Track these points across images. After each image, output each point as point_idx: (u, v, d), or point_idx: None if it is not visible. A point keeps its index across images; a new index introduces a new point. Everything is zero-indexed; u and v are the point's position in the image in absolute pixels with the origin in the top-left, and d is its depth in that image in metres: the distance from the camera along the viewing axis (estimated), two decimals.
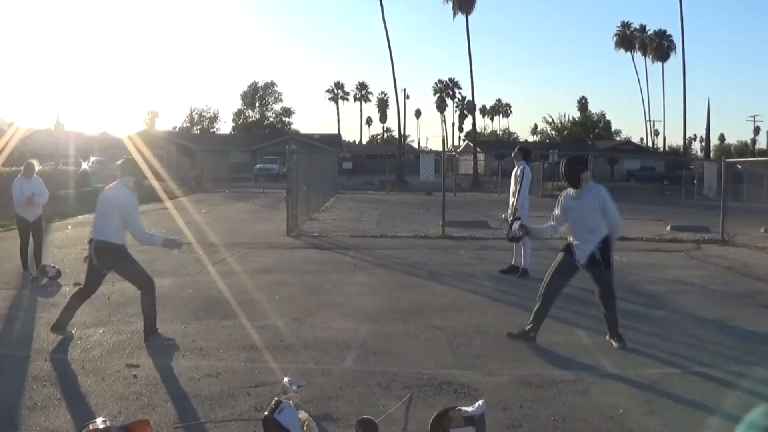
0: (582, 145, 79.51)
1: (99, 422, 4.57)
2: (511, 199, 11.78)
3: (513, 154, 11.80)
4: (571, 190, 7.37)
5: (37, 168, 11.73)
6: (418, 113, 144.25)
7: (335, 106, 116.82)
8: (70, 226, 19.52)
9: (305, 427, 4.76)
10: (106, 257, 7.31)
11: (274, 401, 4.88)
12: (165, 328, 7.85)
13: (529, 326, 7.47)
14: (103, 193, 7.57)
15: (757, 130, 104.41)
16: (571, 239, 7.46)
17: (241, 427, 5.07)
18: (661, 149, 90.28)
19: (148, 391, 5.80)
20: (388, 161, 59.29)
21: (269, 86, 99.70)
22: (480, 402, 4.98)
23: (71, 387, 5.88)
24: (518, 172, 11.54)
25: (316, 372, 6.37)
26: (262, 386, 5.95)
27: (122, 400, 5.58)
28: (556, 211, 7.56)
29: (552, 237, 7.78)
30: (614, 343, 7.30)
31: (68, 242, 15.61)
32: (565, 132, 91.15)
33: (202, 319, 8.38)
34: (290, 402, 4.85)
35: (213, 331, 7.73)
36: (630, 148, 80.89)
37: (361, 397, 5.74)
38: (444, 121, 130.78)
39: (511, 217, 11.35)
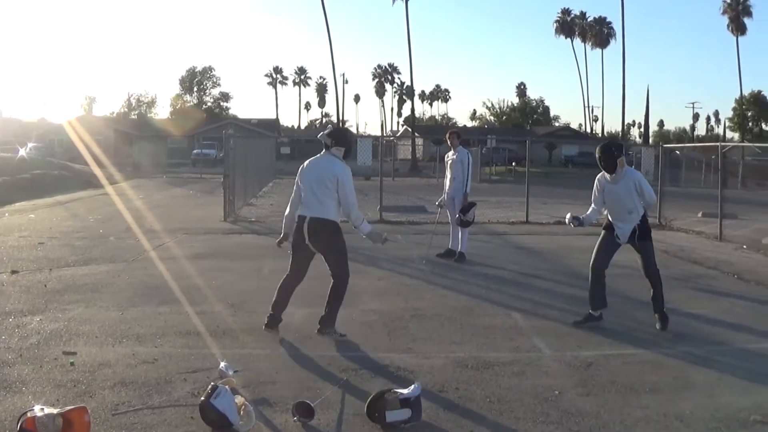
0: (520, 131, 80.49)
1: (37, 410, 4.51)
2: (448, 185, 11.85)
3: (448, 140, 11.86)
4: (606, 175, 7.63)
5: None
6: (357, 98, 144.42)
7: (274, 90, 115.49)
8: (7, 214, 18.96)
9: (242, 412, 4.78)
10: (323, 235, 6.81)
11: (210, 386, 4.89)
12: (102, 315, 7.76)
13: (591, 309, 7.74)
14: (312, 165, 7.09)
15: (696, 117, 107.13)
16: (610, 219, 7.76)
17: (178, 412, 5.05)
18: (600, 135, 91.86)
19: (86, 379, 5.73)
20: None
21: (207, 71, 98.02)
22: (415, 384, 5.07)
23: (8, 375, 5.76)
24: (461, 158, 11.57)
25: (253, 357, 6.38)
26: (199, 372, 5.93)
27: (60, 388, 5.51)
28: (595, 194, 7.84)
29: (597, 221, 8.05)
30: (657, 324, 7.57)
31: (5, 230, 15.15)
32: (504, 117, 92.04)
33: (139, 305, 8.27)
34: (227, 387, 4.86)
35: (150, 317, 7.65)
36: (568, 133, 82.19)
37: (298, 381, 5.77)
38: (383, 106, 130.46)
39: (460, 205, 11.43)
